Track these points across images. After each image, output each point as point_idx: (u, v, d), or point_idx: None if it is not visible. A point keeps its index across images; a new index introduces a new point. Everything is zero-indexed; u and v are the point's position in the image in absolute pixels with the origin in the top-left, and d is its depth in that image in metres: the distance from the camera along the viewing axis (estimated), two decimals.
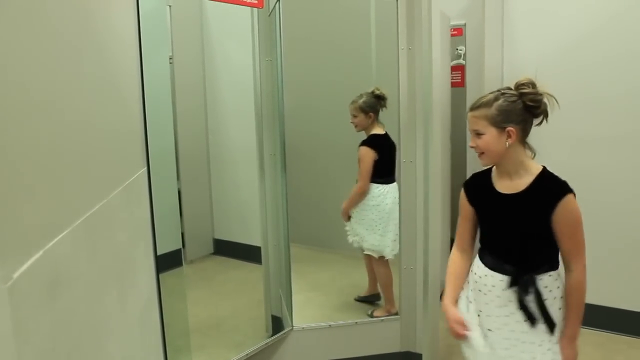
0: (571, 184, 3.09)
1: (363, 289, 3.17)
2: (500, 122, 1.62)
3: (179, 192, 3.67)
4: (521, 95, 1.62)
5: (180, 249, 2.13)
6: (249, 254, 3.39)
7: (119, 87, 1.35)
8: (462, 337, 1.74)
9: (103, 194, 1.14)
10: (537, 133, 3.06)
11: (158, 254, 1.77)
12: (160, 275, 1.82)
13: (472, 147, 1.71)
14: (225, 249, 4.03)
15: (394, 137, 2.73)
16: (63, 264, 0.90)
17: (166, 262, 1.89)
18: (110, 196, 1.16)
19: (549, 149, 3.15)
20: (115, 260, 1.20)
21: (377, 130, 2.93)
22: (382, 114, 2.94)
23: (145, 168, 1.51)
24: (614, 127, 2.97)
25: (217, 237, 4.09)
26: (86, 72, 1.10)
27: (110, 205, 1.16)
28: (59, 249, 0.87)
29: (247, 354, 2.50)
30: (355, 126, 2.97)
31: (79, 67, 1.06)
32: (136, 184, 1.40)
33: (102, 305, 1.11)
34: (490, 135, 1.63)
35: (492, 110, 1.62)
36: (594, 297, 3.14)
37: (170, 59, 3.45)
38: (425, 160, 2.46)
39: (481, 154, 1.68)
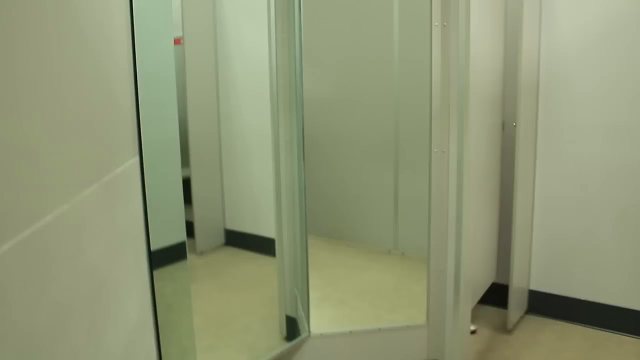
0: (609, 176, 2.81)
1: (381, 286, 2.96)
2: None
3: (189, 180, 3.51)
4: None
5: (184, 242, 1.97)
6: (262, 245, 3.23)
7: (99, 66, 1.10)
8: None
9: (63, 195, 0.86)
10: (574, 121, 2.83)
11: (159, 247, 1.59)
12: (161, 271, 1.65)
13: None
14: (237, 240, 3.89)
15: (424, 124, 2.48)
16: None
17: (168, 257, 1.73)
18: (76, 199, 0.88)
19: (585, 138, 2.92)
20: (84, 285, 0.94)
21: None
22: (409, 99, 2.70)
23: (137, 157, 1.28)
24: None
25: (228, 227, 3.94)
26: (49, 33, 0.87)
27: (77, 210, 0.90)
28: None
29: None
30: None
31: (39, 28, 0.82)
32: (122, 179, 1.15)
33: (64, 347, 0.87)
34: None
35: None
36: (586, 293, 2.98)
37: (180, 39, 3.25)
38: (459, 150, 2.22)
39: None
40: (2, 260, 0.67)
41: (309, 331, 2.51)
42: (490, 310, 3.20)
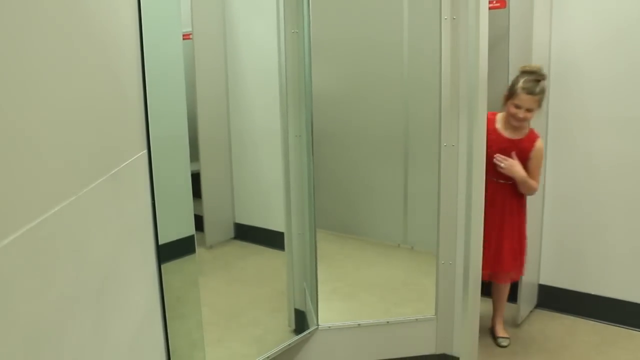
0: (619, 170, 2.77)
1: (389, 280, 2.94)
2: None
3: (199, 175, 3.51)
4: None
5: (193, 235, 1.97)
6: (271, 239, 3.22)
7: (107, 61, 1.10)
8: None
9: (70, 187, 0.85)
10: (585, 115, 2.80)
11: (168, 241, 1.59)
12: (170, 264, 1.65)
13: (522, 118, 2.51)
14: (247, 233, 3.88)
15: (433, 119, 2.46)
16: None
17: (177, 250, 1.72)
18: (83, 191, 0.87)
19: (596, 132, 2.89)
20: (90, 277, 0.93)
21: None
22: (419, 93, 2.69)
23: (145, 151, 1.28)
24: None
25: (237, 221, 3.93)
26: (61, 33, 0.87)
27: (83, 203, 0.89)
28: None
29: (268, 356, 2.31)
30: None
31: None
32: (130, 172, 1.15)
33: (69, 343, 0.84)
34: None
35: (542, 96, 2.52)
36: (595, 287, 2.96)
37: (189, 34, 3.25)
38: (469, 144, 2.20)
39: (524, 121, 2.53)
40: (7, 252, 0.66)
41: (318, 324, 2.50)
42: None
